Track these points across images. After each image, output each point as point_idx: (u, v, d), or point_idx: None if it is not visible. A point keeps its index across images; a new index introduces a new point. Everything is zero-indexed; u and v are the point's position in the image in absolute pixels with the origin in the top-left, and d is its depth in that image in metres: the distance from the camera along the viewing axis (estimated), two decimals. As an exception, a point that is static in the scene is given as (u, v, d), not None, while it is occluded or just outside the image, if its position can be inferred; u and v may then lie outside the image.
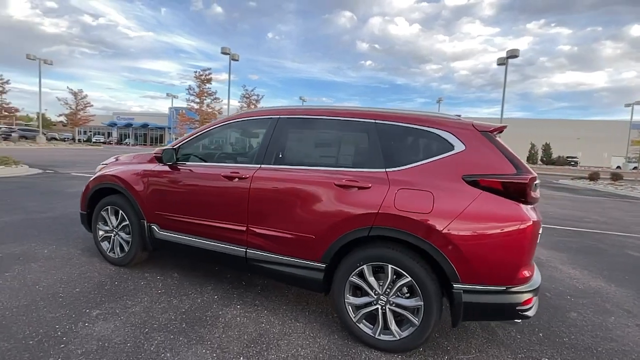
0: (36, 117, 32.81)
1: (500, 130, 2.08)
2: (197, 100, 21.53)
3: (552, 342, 2.31)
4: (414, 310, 2.01)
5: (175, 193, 2.78)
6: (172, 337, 2.09)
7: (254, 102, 26.61)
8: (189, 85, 21.97)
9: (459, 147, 2.03)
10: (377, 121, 2.25)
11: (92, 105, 33.58)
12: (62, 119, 34.48)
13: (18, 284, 2.63)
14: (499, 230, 1.84)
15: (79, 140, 39.25)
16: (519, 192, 1.87)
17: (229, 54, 22.22)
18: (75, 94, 31.28)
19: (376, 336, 2.08)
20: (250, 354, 1.97)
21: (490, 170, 1.92)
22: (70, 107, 31.21)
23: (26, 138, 29.73)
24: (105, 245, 3.17)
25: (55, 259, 3.19)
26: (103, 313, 2.30)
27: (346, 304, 2.16)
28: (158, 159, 2.80)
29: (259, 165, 2.47)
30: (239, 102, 26.89)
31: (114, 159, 3.36)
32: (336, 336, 2.22)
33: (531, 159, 41.87)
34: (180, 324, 2.24)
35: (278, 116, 2.57)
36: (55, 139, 35.20)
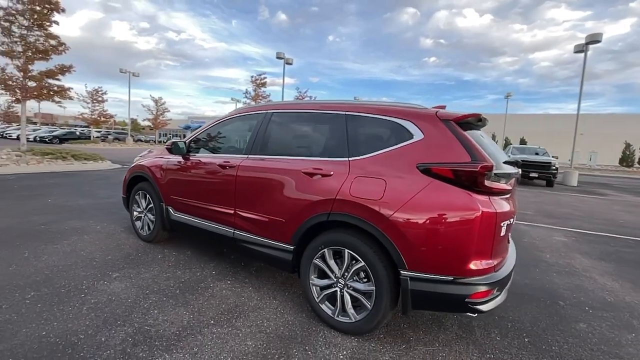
0: (129, 121, 38.46)
1: (464, 117, 2.00)
2: (253, 103, 23.08)
3: (535, 348, 2.13)
4: (368, 295, 2.06)
5: (185, 180, 3.20)
6: (164, 299, 2.46)
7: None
8: (246, 90, 23.67)
9: (417, 135, 2.02)
10: (347, 113, 2.34)
11: (169, 111, 38.27)
12: (148, 123, 39.85)
13: (69, 249, 3.32)
14: (446, 219, 1.80)
15: (159, 142, 44.95)
16: (470, 181, 1.80)
17: (283, 58, 23.34)
18: (156, 101, 35.98)
19: (335, 317, 2.18)
20: (221, 320, 2.24)
21: (444, 158, 1.89)
22: (152, 113, 35.97)
23: (119, 140, 35.10)
24: (138, 224, 3.77)
25: (103, 233, 3.90)
26: (120, 276, 2.79)
27: (311, 285, 2.30)
28: (169, 151, 3.26)
29: (246, 156, 2.74)
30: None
31: (147, 152, 3.97)
32: (304, 315, 2.37)
33: (625, 160, 35.42)
34: (175, 290, 2.62)
35: (266, 111, 2.81)
36: (141, 140, 40.89)
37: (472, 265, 1.80)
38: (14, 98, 9.81)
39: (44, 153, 9.93)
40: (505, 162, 2.13)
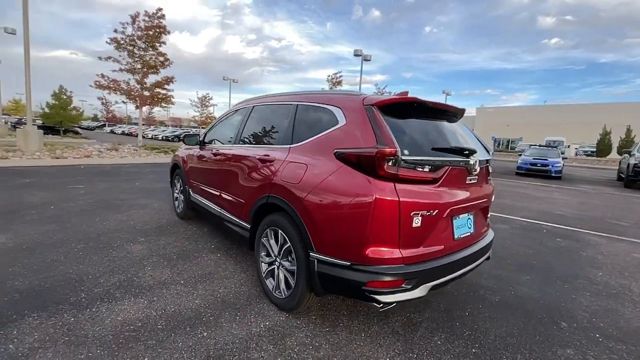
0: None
1: (388, 102, 1.91)
2: None
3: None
4: (292, 274, 2.17)
5: (196, 167, 3.78)
6: (161, 261, 3.04)
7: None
8: (322, 89, 24.51)
9: (341, 122, 2.03)
10: (297, 103, 2.47)
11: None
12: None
13: (125, 218, 4.29)
14: (345, 204, 1.79)
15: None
16: (369, 166, 1.75)
17: (360, 55, 23.36)
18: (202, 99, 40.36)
19: (273, 292, 2.36)
20: (189, 282, 2.66)
21: (357, 143, 1.86)
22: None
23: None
24: (175, 203, 4.59)
25: (155, 209, 4.86)
26: (144, 241, 3.52)
27: (260, 261, 2.52)
28: (184, 141, 3.88)
29: (232, 145, 3.11)
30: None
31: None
32: (258, 289, 2.61)
33: None
34: (173, 255, 3.18)
35: (249, 105, 3.12)
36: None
37: (371, 253, 1.75)
38: (135, 105, 12.73)
39: (152, 148, 12.51)
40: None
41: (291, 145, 2.32)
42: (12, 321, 2.00)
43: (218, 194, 3.16)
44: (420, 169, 1.83)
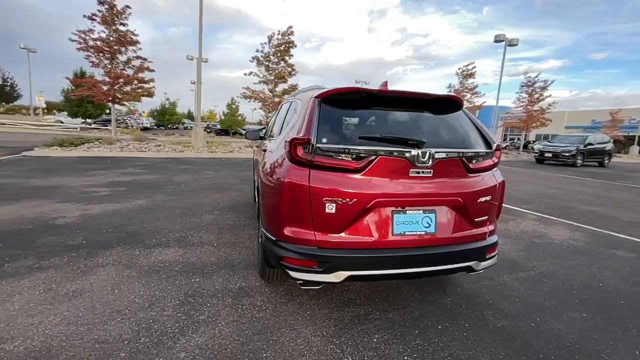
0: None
1: (328, 93, 1.98)
2: None
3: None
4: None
5: (256, 158, 4.54)
6: (214, 228, 3.92)
7: (538, 91, 21.70)
8: (449, 84, 22.08)
9: (298, 114, 2.22)
10: (293, 99, 2.77)
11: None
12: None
13: (218, 197, 5.56)
14: (272, 185, 2.02)
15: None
16: (289, 152, 1.90)
17: (503, 40, 20.05)
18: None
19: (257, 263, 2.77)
20: (220, 245, 3.39)
21: (295, 134, 2.04)
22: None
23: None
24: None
25: (244, 193, 6.01)
26: (217, 213, 4.56)
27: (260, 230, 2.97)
28: (246, 137, 4.67)
29: (268, 139, 3.66)
30: (517, 93, 23.13)
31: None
32: (249, 254, 3.06)
33: None
34: (225, 226, 4.03)
35: (291, 100, 3.58)
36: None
37: (287, 232, 1.91)
38: (268, 110, 15.38)
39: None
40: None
41: (276, 137, 2.66)
42: (108, 247, 3.19)
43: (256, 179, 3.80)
44: (340, 157, 1.84)
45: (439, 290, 2.65)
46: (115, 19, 11.88)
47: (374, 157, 1.86)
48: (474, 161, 2.09)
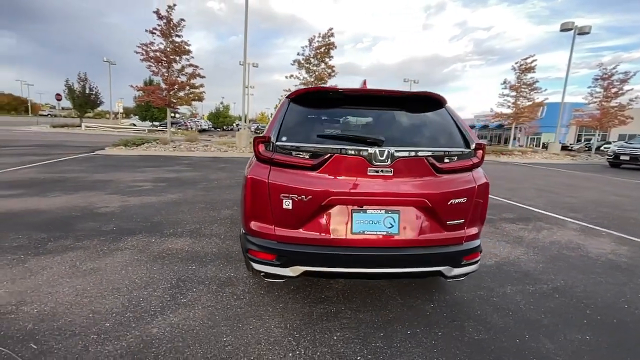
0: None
1: (296, 94, 2.03)
2: (514, 94, 19.15)
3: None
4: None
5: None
6: (228, 223, 4.19)
7: (617, 84, 18.73)
8: (504, 80, 19.96)
9: (274, 113, 2.32)
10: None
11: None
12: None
13: (232, 197, 5.89)
14: (243, 181, 2.11)
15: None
16: (254, 150, 1.99)
17: (571, 29, 17.86)
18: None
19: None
20: (226, 238, 3.63)
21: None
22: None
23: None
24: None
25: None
26: (235, 209, 4.86)
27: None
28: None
29: None
30: (589, 87, 20.16)
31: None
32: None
33: None
34: (238, 222, 4.28)
35: None
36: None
37: (252, 226, 2.02)
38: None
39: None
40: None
41: None
42: (131, 234, 3.61)
43: None
44: (297, 155, 1.89)
45: (424, 296, 2.54)
46: (172, 31, 13.23)
47: (329, 155, 1.87)
48: (445, 161, 1.97)
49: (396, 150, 1.87)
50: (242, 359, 1.78)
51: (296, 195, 1.88)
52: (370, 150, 1.85)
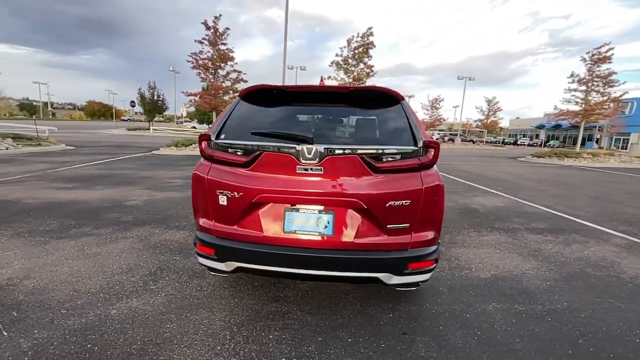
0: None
1: (243, 92, 2.06)
2: (583, 88, 16.36)
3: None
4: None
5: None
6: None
7: None
8: (571, 73, 17.10)
9: None
10: None
11: (501, 110, 36.95)
12: (477, 123, 41.12)
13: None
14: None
15: (489, 142, 44.63)
16: (199, 148, 2.07)
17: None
18: (489, 102, 36.21)
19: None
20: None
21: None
22: (484, 114, 36.65)
23: (452, 141, 39.45)
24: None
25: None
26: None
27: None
28: None
29: None
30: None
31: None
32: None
33: None
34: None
35: None
36: (473, 141, 42.82)
37: (199, 221, 2.09)
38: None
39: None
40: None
41: None
42: (141, 225, 3.99)
43: None
44: (232, 152, 1.92)
45: (388, 305, 2.38)
46: (218, 40, 14.24)
47: (259, 152, 1.87)
48: (385, 160, 1.83)
49: (325, 148, 1.79)
50: (174, 345, 1.87)
51: (230, 192, 1.92)
52: (298, 147, 1.80)
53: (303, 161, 1.81)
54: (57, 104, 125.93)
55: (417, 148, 1.86)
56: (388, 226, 1.85)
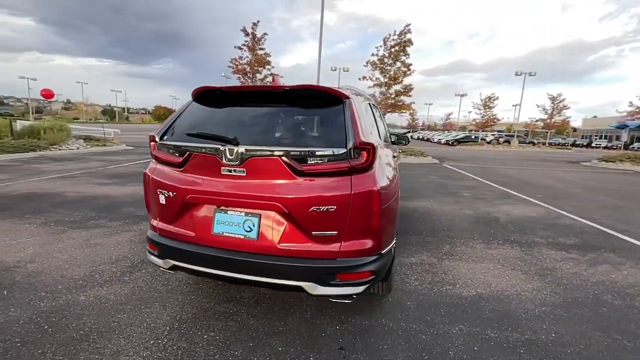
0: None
1: (196, 92, 2.09)
2: None
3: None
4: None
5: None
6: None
7: None
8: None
9: None
10: None
11: (569, 108, 32.74)
12: (539, 123, 36.87)
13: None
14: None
15: (558, 144, 39.78)
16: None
17: None
18: (553, 99, 32.34)
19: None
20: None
21: None
22: (547, 112, 32.89)
23: (508, 142, 36.08)
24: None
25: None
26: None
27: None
28: None
29: None
30: None
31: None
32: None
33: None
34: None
35: None
36: (533, 143, 38.58)
37: (151, 220, 2.19)
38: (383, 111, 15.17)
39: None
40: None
41: None
42: (147, 220, 4.31)
43: None
44: (171, 153, 1.97)
45: (339, 317, 2.25)
46: (256, 45, 14.84)
47: (189, 153, 1.89)
48: (309, 162, 1.73)
49: (246, 149, 1.75)
50: (114, 335, 1.99)
51: (167, 192, 1.98)
52: (222, 148, 1.79)
53: (226, 162, 1.79)
54: (133, 109, 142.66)
55: (346, 150, 1.73)
56: (313, 233, 1.75)
